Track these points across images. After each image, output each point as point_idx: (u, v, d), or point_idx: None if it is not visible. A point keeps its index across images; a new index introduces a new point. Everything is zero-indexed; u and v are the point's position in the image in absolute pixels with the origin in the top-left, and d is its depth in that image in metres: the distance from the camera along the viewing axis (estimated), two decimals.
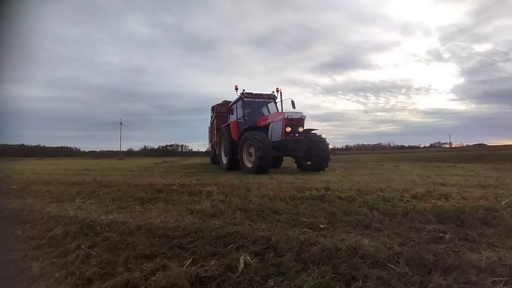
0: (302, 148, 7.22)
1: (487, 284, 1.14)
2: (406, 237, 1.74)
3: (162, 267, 1.42)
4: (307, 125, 7.63)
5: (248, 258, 1.45)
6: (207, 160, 17.11)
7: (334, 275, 1.27)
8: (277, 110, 8.91)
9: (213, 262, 1.44)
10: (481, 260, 1.34)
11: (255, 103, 9.08)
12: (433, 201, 2.58)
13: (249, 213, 2.48)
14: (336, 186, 3.75)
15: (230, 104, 9.83)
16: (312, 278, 1.24)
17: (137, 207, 2.96)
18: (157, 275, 1.33)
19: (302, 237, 1.77)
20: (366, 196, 2.94)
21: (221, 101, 12.20)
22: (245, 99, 8.80)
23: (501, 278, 1.18)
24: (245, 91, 8.87)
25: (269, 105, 9.26)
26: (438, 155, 16.80)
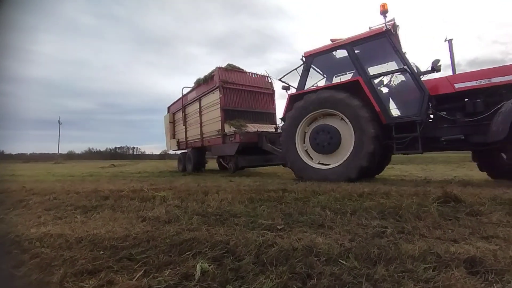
0: None
1: (420, 271, 1.30)
2: (354, 233, 1.88)
3: (108, 282, 1.28)
4: None
5: (206, 264, 1.40)
6: (164, 164, 15.94)
7: (291, 274, 1.30)
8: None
9: (167, 272, 1.35)
10: (415, 250, 1.52)
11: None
12: (377, 199, 2.86)
13: (207, 218, 2.41)
14: (293, 187, 3.89)
15: (345, 41, 4.95)
16: (271, 279, 1.25)
17: (78, 216, 2.62)
18: None
19: (260, 239, 1.78)
20: (319, 196, 3.12)
21: (225, 65, 7.98)
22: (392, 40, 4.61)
23: (430, 265, 1.35)
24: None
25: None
26: None
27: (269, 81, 8.91)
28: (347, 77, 5.71)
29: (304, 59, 5.45)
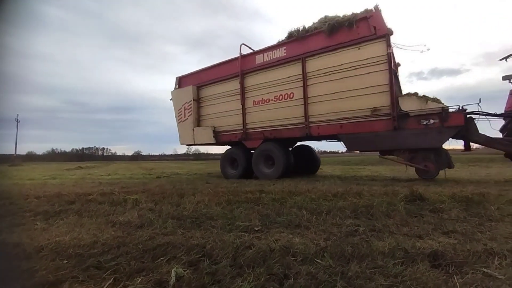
0: None
1: (389, 266, 1.37)
2: (329, 232, 1.94)
3: None
4: None
5: (181, 269, 1.35)
6: (137, 165, 15.09)
7: (269, 276, 1.30)
8: None
9: (140, 279, 1.28)
10: (385, 247, 1.60)
11: None
12: (350, 198, 2.98)
13: (182, 221, 2.34)
14: (270, 188, 3.93)
15: None
16: (248, 282, 1.24)
17: (38, 223, 2.41)
18: None
19: (237, 241, 1.76)
20: (296, 197, 3.17)
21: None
22: None
23: (399, 260, 1.43)
24: None
25: None
26: (352, 159, 19.79)
27: None
28: None
29: None
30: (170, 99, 7.99)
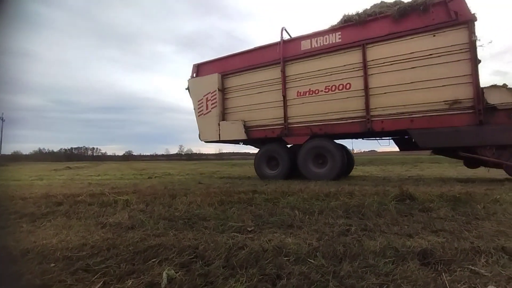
0: None
1: (380, 265, 1.38)
2: (322, 232, 1.95)
3: None
4: None
5: (172, 271, 1.34)
6: (127, 166, 14.77)
7: (261, 276, 1.30)
8: None
9: (130, 282, 1.26)
10: (376, 246, 1.62)
11: None
12: (342, 198, 3.01)
13: (174, 222, 2.31)
14: (263, 188, 3.93)
15: None
16: (241, 283, 1.23)
17: (24, 225, 2.34)
18: None
19: (230, 242, 1.75)
20: (289, 197, 3.19)
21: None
22: None
23: (390, 259, 1.45)
24: None
25: None
26: None
27: None
28: None
29: None
30: (186, 88, 7.02)
